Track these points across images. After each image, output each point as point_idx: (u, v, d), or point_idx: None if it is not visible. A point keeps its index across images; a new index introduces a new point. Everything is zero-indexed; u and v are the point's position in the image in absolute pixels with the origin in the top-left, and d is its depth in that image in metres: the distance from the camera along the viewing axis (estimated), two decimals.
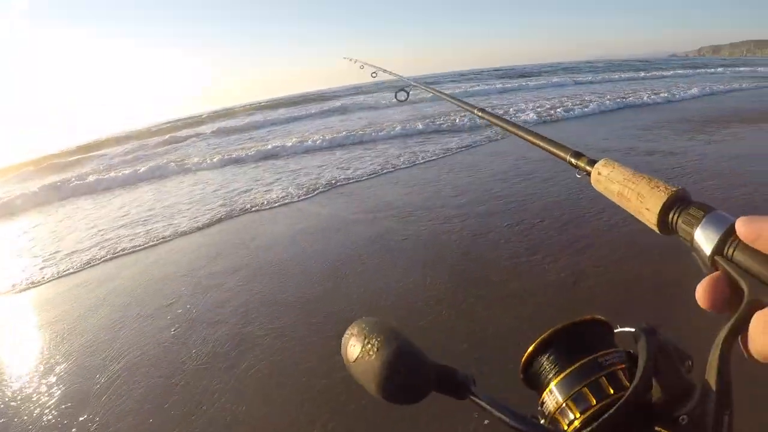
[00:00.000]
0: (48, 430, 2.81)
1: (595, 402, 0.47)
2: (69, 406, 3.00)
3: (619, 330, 0.55)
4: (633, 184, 0.56)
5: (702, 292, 0.41)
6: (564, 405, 0.49)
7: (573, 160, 0.77)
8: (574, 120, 12.62)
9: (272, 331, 3.47)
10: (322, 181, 7.82)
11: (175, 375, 3.14)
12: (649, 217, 0.52)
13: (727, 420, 0.39)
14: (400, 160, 8.85)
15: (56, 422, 2.86)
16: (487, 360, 2.82)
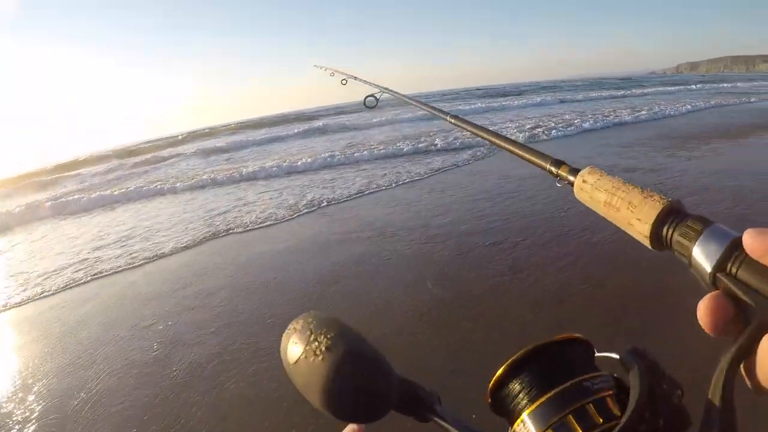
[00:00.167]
0: None
1: None
2: (48, 424, 2.98)
3: (601, 355, 0.49)
4: (623, 193, 0.53)
5: (704, 314, 0.38)
6: None
7: (553, 169, 0.72)
8: (555, 139, 12.81)
9: (253, 350, 3.43)
10: (304, 202, 7.78)
11: (155, 394, 3.12)
12: (641, 228, 0.48)
13: None
14: (382, 180, 8.85)
15: None
16: (468, 380, 2.77)
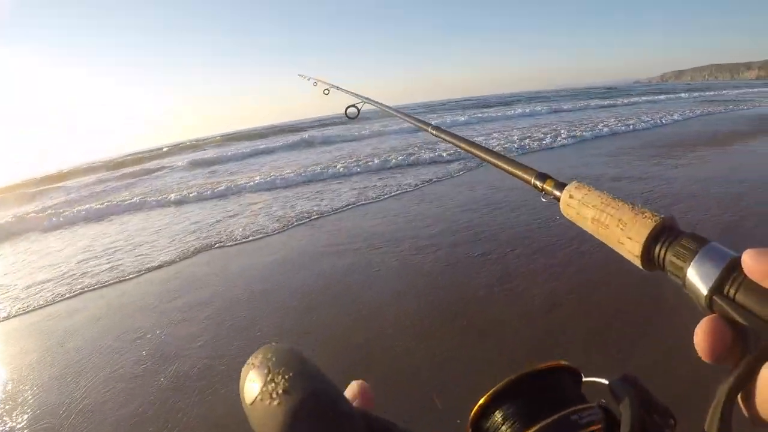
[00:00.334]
0: None
1: None
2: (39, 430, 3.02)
3: (590, 380, 0.47)
4: (612, 209, 0.51)
5: (702, 340, 0.35)
6: None
7: (538, 183, 0.69)
8: (544, 150, 12.89)
9: (240, 362, 3.37)
10: (293, 215, 7.75)
11: (143, 405, 3.13)
12: (632, 247, 0.46)
13: None
14: (371, 192, 8.85)
15: None
16: (455, 392, 2.76)
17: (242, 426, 0.32)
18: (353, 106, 2.26)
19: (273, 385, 0.34)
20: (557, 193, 0.63)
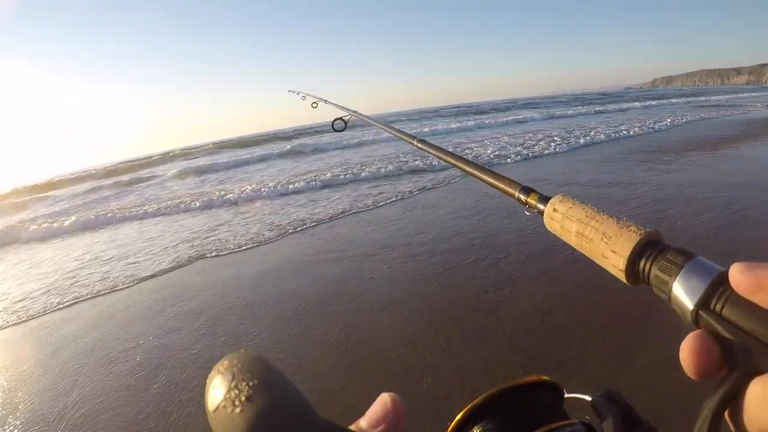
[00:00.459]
0: None
1: None
2: None
3: (572, 396, 0.47)
4: (597, 223, 0.50)
5: (688, 356, 0.35)
6: None
7: (522, 197, 0.68)
8: (533, 157, 12.81)
9: None
10: (285, 223, 7.75)
11: (138, 414, 3.13)
12: (616, 261, 0.45)
13: None
14: (362, 201, 8.86)
15: None
16: (448, 400, 2.77)
17: None
18: (340, 119, 2.30)
19: (236, 392, 0.30)
20: (541, 207, 0.63)
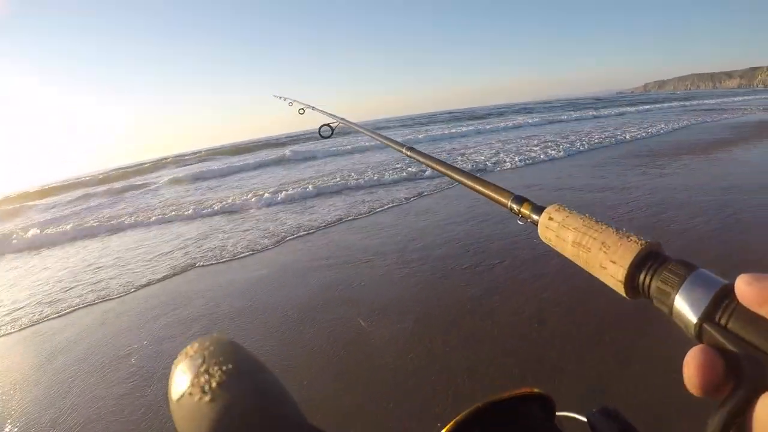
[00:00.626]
0: None
1: None
2: None
3: (563, 414, 0.46)
4: (595, 232, 0.49)
5: (693, 372, 0.34)
6: None
7: (515, 206, 0.67)
8: (526, 163, 12.81)
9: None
10: (278, 231, 7.74)
11: (130, 423, 3.12)
12: (615, 271, 0.45)
13: None
14: (357, 208, 8.86)
15: None
16: (441, 408, 2.75)
17: None
18: (327, 125, 2.30)
19: (206, 377, 0.28)
20: (535, 217, 0.61)
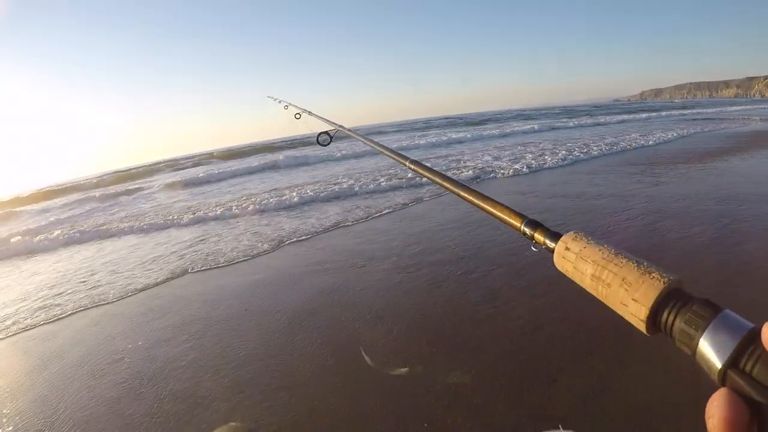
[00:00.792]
0: None
1: None
2: None
3: None
4: (616, 267, 0.47)
5: (718, 426, 0.32)
6: None
7: (528, 231, 0.66)
8: (522, 170, 12.70)
9: (225, 387, 3.41)
10: (274, 236, 7.76)
11: (126, 429, 3.12)
12: (636, 310, 0.43)
13: None
14: (354, 213, 8.88)
15: None
16: (444, 416, 2.75)
17: None
18: (325, 133, 2.27)
19: None
20: (551, 244, 0.61)
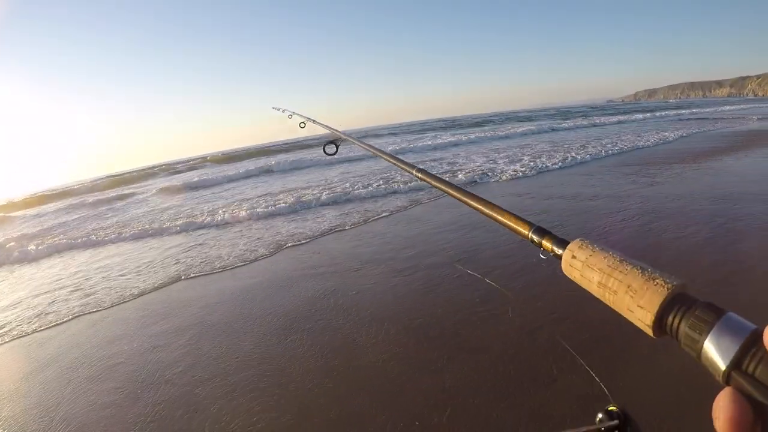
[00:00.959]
0: None
1: None
2: None
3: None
4: (621, 274, 0.49)
5: (723, 426, 0.34)
6: None
7: (535, 238, 0.67)
8: (517, 173, 12.77)
9: (222, 392, 3.41)
10: (271, 241, 7.76)
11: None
12: (642, 316, 0.45)
13: None
14: (351, 217, 8.89)
15: None
16: (434, 418, 2.77)
17: None
18: (332, 142, 2.24)
19: None
20: (558, 251, 0.62)
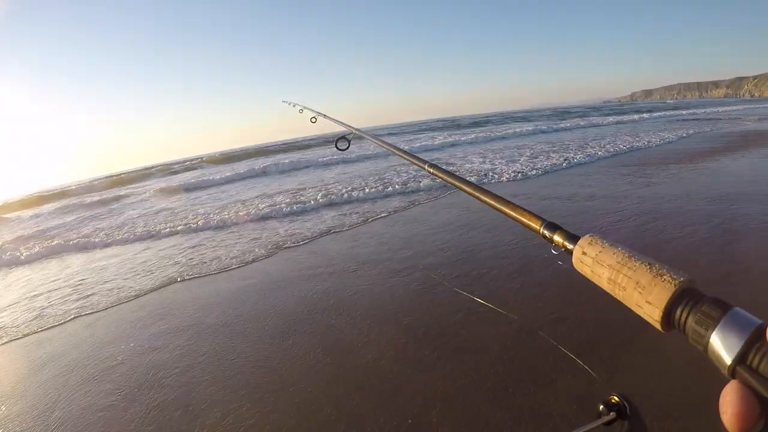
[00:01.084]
0: None
1: None
2: None
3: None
4: (629, 271, 0.50)
5: (730, 420, 0.34)
6: None
7: (547, 233, 0.69)
8: (515, 174, 12.78)
9: (218, 391, 3.42)
10: (269, 242, 7.76)
11: None
12: (651, 311, 0.46)
13: None
14: (350, 218, 8.89)
15: None
16: (433, 418, 2.78)
17: None
18: (344, 137, 2.21)
19: None
20: (569, 246, 0.63)
